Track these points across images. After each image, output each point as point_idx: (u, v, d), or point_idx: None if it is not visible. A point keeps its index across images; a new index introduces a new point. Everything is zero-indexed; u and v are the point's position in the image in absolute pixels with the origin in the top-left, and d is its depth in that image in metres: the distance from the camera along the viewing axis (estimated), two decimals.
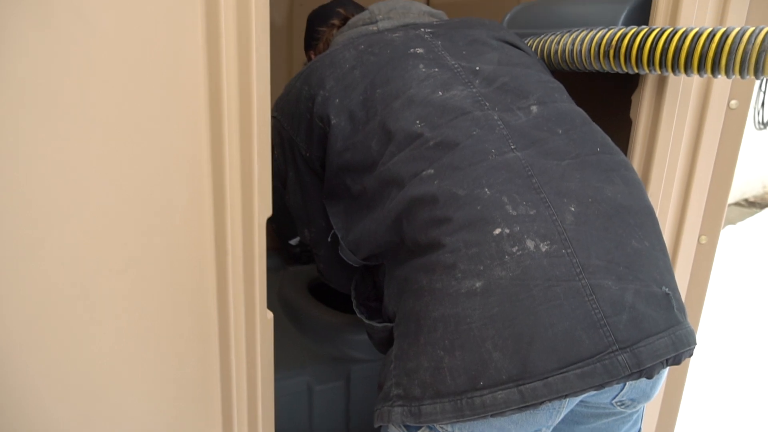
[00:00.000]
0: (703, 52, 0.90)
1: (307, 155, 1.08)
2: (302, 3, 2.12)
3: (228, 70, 0.73)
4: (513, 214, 0.81)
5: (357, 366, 1.51)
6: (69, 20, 0.63)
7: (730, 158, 1.25)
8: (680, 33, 0.94)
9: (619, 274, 0.80)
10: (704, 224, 1.30)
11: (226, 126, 0.75)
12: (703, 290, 1.34)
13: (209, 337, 0.81)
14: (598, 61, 1.07)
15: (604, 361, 0.75)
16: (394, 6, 1.17)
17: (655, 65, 0.98)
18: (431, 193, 0.85)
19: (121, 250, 0.71)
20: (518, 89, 0.97)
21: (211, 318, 0.80)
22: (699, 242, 1.31)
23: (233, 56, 0.73)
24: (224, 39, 0.71)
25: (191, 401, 0.83)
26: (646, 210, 0.89)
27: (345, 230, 1.03)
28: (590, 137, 0.94)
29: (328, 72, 1.05)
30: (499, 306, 0.77)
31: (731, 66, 0.88)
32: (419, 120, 0.93)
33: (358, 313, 1.07)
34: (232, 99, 0.74)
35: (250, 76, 0.73)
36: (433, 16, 1.20)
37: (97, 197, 0.69)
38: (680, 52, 0.93)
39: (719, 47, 0.89)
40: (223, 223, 0.77)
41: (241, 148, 0.76)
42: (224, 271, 0.78)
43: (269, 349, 0.85)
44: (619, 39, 1.02)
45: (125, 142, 0.69)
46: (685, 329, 0.82)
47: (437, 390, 0.78)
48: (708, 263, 1.32)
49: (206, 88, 0.73)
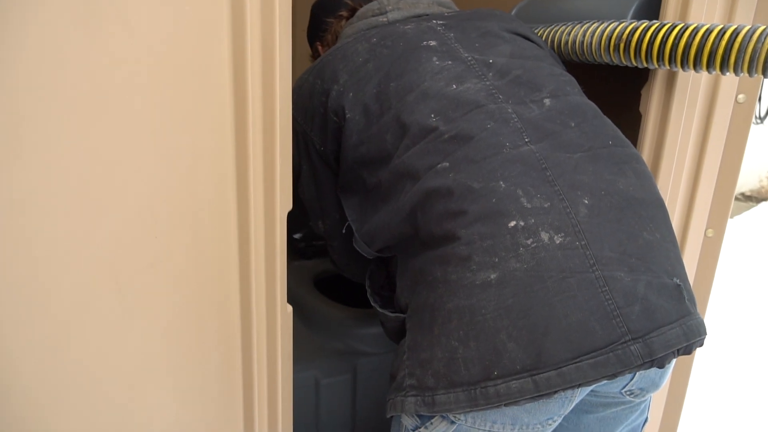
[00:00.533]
0: (713, 49, 0.91)
1: (322, 149, 1.08)
2: None
3: (252, 72, 0.74)
4: (528, 206, 0.82)
5: (363, 360, 1.51)
6: (113, 24, 0.64)
7: (737, 152, 1.26)
8: (691, 29, 0.95)
9: (632, 265, 0.81)
10: (711, 217, 1.31)
11: (251, 124, 0.76)
12: (709, 283, 1.35)
13: (232, 330, 0.82)
14: (608, 54, 1.07)
15: (617, 350, 0.76)
16: None
17: (665, 60, 0.98)
18: (446, 185, 0.86)
19: (152, 243, 0.71)
20: (531, 82, 0.98)
21: (234, 311, 0.81)
22: (706, 235, 1.32)
23: (257, 58, 0.74)
24: (249, 42, 0.73)
25: (215, 393, 0.84)
26: (657, 202, 0.90)
27: (360, 222, 1.03)
28: (602, 130, 0.95)
29: (341, 66, 1.05)
30: (514, 297, 0.78)
31: (740, 64, 0.89)
32: (434, 113, 0.93)
33: (372, 301, 1.08)
34: (256, 99, 0.75)
35: (274, 77, 0.75)
36: (442, 5, 1.19)
37: (131, 193, 0.71)
38: (690, 48, 0.94)
39: (729, 45, 0.89)
40: (247, 215, 0.78)
41: (264, 145, 0.77)
42: (247, 263, 0.79)
43: (288, 342, 0.86)
44: (630, 32, 1.02)
45: (157, 140, 0.71)
46: (695, 320, 0.83)
47: (451, 380, 0.79)
48: (714, 256, 1.33)
49: (231, 89, 0.74)
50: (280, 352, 0.85)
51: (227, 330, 0.82)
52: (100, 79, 0.65)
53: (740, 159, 1.27)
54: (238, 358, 0.84)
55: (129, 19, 0.64)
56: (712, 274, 1.35)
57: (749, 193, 5.66)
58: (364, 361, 1.51)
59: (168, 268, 0.74)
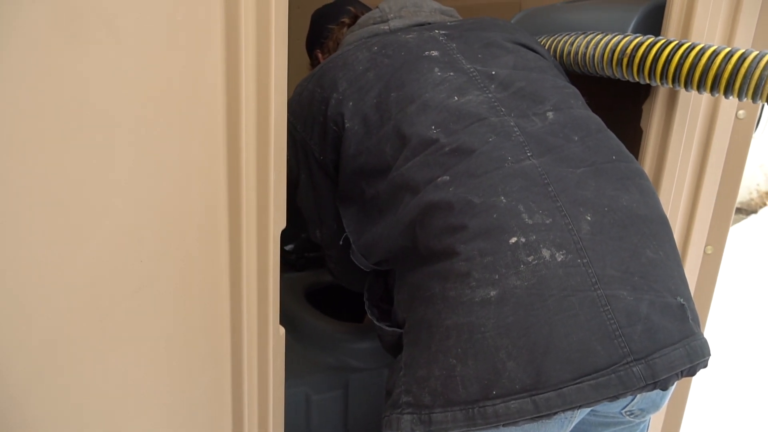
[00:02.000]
0: (718, 72, 0.90)
1: (321, 158, 1.07)
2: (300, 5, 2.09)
3: (247, 86, 0.73)
4: (529, 222, 0.81)
5: (355, 375, 1.49)
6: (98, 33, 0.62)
7: (737, 168, 1.26)
8: (697, 49, 0.93)
9: (634, 284, 0.80)
10: (711, 234, 1.31)
11: (244, 138, 0.74)
12: (708, 300, 1.35)
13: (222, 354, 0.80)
14: (611, 68, 1.07)
15: (619, 372, 0.76)
16: (405, 4, 1.16)
17: (668, 79, 0.97)
18: (446, 200, 0.85)
19: (137, 268, 0.69)
20: (534, 94, 0.97)
21: (224, 334, 0.79)
22: (705, 252, 1.32)
23: (252, 71, 0.73)
24: (244, 54, 0.71)
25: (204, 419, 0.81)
26: (661, 219, 0.89)
27: (357, 234, 1.02)
28: (606, 144, 0.94)
29: (341, 74, 1.03)
30: (514, 315, 0.77)
31: (744, 89, 0.88)
32: (434, 125, 0.92)
33: (369, 314, 1.06)
34: (249, 113, 0.74)
35: (269, 91, 0.73)
36: (445, 14, 1.19)
37: (115, 215, 0.68)
38: (695, 69, 0.93)
39: (735, 69, 0.88)
40: (239, 235, 0.76)
41: (257, 160, 0.76)
42: (238, 285, 0.77)
43: (281, 365, 0.84)
44: (634, 48, 1.01)
45: (143, 157, 0.69)
46: (699, 340, 0.83)
47: (448, 398, 0.78)
48: (714, 273, 1.33)
49: (224, 102, 0.72)
50: (271, 376, 0.83)
51: (217, 354, 0.80)
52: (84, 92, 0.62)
53: (740, 175, 1.27)
54: (227, 383, 0.82)
55: (116, 26, 0.62)
56: (712, 291, 1.35)
57: (740, 206, 5.72)
58: (356, 377, 1.49)
59: (154, 294, 0.72)
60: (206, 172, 0.73)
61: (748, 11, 1.13)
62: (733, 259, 4.06)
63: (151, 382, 0.75)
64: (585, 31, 1.16)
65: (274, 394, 0.84)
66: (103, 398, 0.72)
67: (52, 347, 0.67)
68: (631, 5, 1.21)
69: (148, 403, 0.76)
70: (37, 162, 0.62)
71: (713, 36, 1.12)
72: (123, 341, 0.71)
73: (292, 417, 1.43)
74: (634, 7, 1.20)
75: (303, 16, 1.44)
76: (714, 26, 1.11)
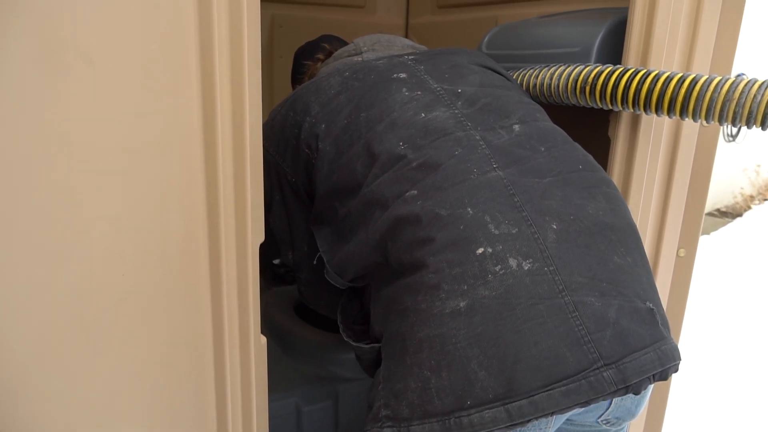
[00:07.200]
0: (673, 96, 0.97)
1: (293, 180, 1.09)
2: (282, 25, 2.14)
3: (222, 107, 0.74)
4: (495, 233, 0.82)
5: (345, 385, 1.50)
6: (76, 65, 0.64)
7: (705, 172, 1.28)
8: (652, 75, 1.01)
9: (602, 290, 0.80)
10: (682, 237, 1.32)
11: (220, 157, 0.76)
12: (683, 303, 1.36)
13: (204, 363, 0.81)
14: (575, 96, 1.12)
15: (589, 377, 0.76)
16: (379, 39, 1.20)
17: (628, 104, 1.03)
18: (414, 213, 0.85)
19: (119, 282, 0.71)
20: (500, 109, 0.98)
21: (206, 344, 0.80)
22: (678, 255, 1.33)
23: (227, 92, 0.74)
24: (218, 76, 0.73)
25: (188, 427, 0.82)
26: (629, 227, 0.90)
27: (331, 253, 1.02)
28: (572, 155, 0.95)
29: (314, 98, 1.06)
30: (483, 325, 0.77)
31: (698, 111, 0.95)
32: (402, 141, 0.93)
33: (345, 336, 1.07)
34: (225, 132, 0.75)
35: (243, 109, 0.75)
36: (416, 49, 1.22)
37: (97, 230, 0.70)
38: (652, 94, 1.00)
39: (688, 92, 0.95)
40: (218, 248, 0.77)
41: (234, 176, 0.77)
42: (219, 296, 0.79)
43: (263, 374, 0.85)
44: (595, 76, 1.07)
45: (122, 175, 0.70)
46: (669, 344, 0.83)
47: (425, 410, 0.78)
48: (687, 276, 1.34)
49: (201, 121, 0.74)
50: (254, 384, 0.84)
51: (199, 363, 0.81)
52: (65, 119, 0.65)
53: (708, 178, 1.29)
54: (211, 392, 0.83)
55: (92, 58, 0.64)
56: (686, 294, 1.36)
57: (725, 209, 5.76)
58: (345, 387, 1.50)
59: (136, 306, 0.73)
60: (185, 191, 0.74)
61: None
62: (719, 262, 4.10)
63: (135, 390, 0.76)
64: (552, 47, 1.21)
65: (257, 402, 0.85)
66: (87, 407, 0.73)
67: (38, 357, 0.68)
68: (597, 21, 1.25)
69: (133, 411, 0.77)
70: (23, 183, 0.64)
71: (671, 62, 1.16)
72: (107, 351, 0.72)
73: (283, 428, 1.45)
74: (600, 21, 1.24)
75: (284, 36, 1.48)
76: (673, 42, 1.15)
